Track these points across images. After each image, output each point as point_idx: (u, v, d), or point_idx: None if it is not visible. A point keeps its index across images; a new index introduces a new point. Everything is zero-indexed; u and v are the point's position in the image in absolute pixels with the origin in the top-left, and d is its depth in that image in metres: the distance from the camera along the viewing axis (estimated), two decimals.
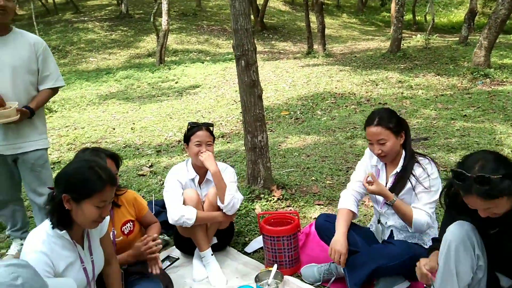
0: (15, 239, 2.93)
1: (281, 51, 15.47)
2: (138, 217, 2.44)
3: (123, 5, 18.92)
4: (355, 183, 2.41)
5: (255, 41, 3.52)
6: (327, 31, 13.86)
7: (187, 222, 2.48)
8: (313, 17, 14.56)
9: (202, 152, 2.56)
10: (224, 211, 2.56)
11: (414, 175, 2.20)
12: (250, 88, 3.18)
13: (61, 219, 1.72)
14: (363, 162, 2.43)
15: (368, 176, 2.20)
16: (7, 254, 2.89)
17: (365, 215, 3.18)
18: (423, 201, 2.17)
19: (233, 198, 2.55)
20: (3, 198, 2.78)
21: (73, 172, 1.70)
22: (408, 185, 2.20)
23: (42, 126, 2.71)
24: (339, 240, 2.18)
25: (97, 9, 20.77)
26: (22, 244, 2.90)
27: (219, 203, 2.55)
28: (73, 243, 1.79)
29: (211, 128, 2.69)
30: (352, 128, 5.58)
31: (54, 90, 2.71)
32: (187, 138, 2.66)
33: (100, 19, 18.91)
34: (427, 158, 2.23)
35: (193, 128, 2.65)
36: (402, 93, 7.54)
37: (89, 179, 1.66)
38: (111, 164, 2.22)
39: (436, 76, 8.85)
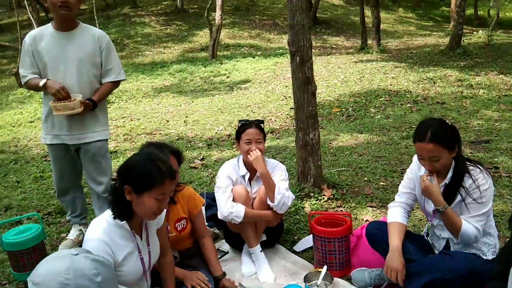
0: (74, 225, 3.08)
1: (334, 46, 15.18)
2: (190, 215, 2.46)
3: (178, 0, 19.34)
4: (403, 195, 2.31)
5: None
6: (382, 26, 13.41)
7: (235, 219, 2.50)
8: (367, 12, 14.15)
9: (251, 151, 2.55)
10: (274, 209, 2.55)
11: (463, 186, 2.06)
12: (304, 84, 3.14)
13: (122, 210, 1.78)
14: (412, 171, 2.30)
15: (427, 176, 2.08)
16: (66, 238, 3.05)
17: (421, 219, 3.05)
18: (472, 213, 2.04)
19: (283, 197, 2.53)
20: (65, 185, 2.93)
21: (136, 165, 1.75)
22: (458, 196, 2.08)
23: (104, 118, 2.82)
24: (395, 256, 2.09)
25: (154, 3, 21.36)
26: (80, 230, 3.05)
27: (269, 202, 2.54)
28: (132, 234, 1.85)
29: (261, 125, 2.69)
30: (408, 128, 5.37)
31: (116, 84, 2.81)
32: (237, 135, 2.67)
33: (156, 14, 19.45)
34: (479, 167, 2.08)
35: (243, 125, 2.66)
36: (461, 92, 7.16)
37: (150, 172, 1.71)
38: (173, 160, 2.26)
39: (499, 75, 8.32)
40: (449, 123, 2.08)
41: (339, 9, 21.41)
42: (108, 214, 1.83)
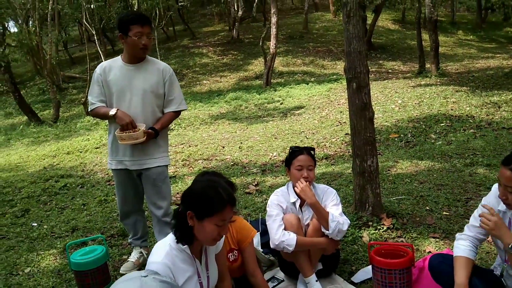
0: (135, 247, 3.19)
1: (390, 71, 14.91)
2: (240, 247, 2.43)
3: (234, 30, 20.01)
4: (473, 228, 2.16)
5: None
6: (440, 49, 13.03)
7: (287, 247, 2.48)
8: (425, 35, 13.83)
9: (301, 179, 2.53)
10: (330, 237, 2.50)
11: None
12: (361, 110, 3.10)
13: (184, 234, 1.83)
14: (488, 202, 2.11)
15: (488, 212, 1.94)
16: (128, 260, 3.16)
17: (488, 252, 2.85)
18: None
19: (338, 224, 2.48)
20: (128, 209, 3.06)
21: (198, 191, 1.81)
22: None
23: (165, 145, 2.95)
24: None
25: (211, 35, 22.27)
26: (141, 252, 3.15)
27: (323, 230, 2.49)
28: (192, 258, 1.89)
29: (312, 152, 2.67)
30: (472, 155, 5.09)
31: (177, 113, 2.94)
32: (288, 162, 2.67)
33: (214, 44, 20.23)
34: None
35: (294, 152, 2.66)
36: None
37: (213, 199, 1.76)
38: None
39: None
40: None
41: (394, 34, 21.12)
42: (170, 238, 1.89)
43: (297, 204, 2.67)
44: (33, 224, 4.46)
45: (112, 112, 2.72)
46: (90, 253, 2.73)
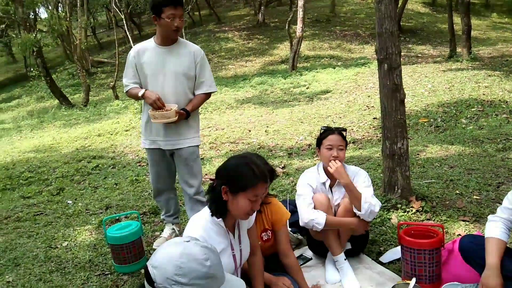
0: (167, 224, 3.30)
1: (419, 55, 14.57)
2: (274, 228, 2.47)
3: (260, 14, 19.88)
4: (506, 210, 2.13)
5: None
6: (472, 33, 12.60)
7: (316, 226, 2.51)
8: (456, 18, 13.41)
9: (331, 161, 2.54)
10: (361, 218, 2.52)
11: None
12: (392, 92, 3.07)
13: (219, 208, 1.90)
14: None
15: None
16: (160, 236, 3.28)
17: None
18: None
19: (370, 206, 2.49)
20: (161, 187, 3.16)
21: (233, 167, 1.87)
22: None
23: (196, 126, 3.01)
24: (492, 275, 1.96)
25: (237, 19, 22.21)
26: (173, 229, 3.26)
27: (355, 210, 2.51)
28: (226, 231, 1.96)
29: (343, 133, 2.67)
30: (504, 140, 4.97)
31: (208, 95, 3.00)
32: (319, 141, 2.67)
33: (239, 29, 20.18)
34: None
35: (325, 131, 2.66)
36: None
37: (246, 175, 1.81)
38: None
39: None
40: None
41: (424, 17, 20.52)
42: (206, 212, 1.96)
43: (327, 184, 2.69)
44: (68, 202, 4.65)
45: (140, 93, 2.79)
46: (126, 228, 2.85)
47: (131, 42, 13.91)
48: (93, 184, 5.32)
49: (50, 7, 19.37)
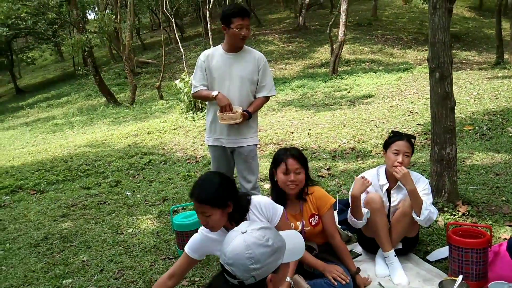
0: None
1: (463, 61, 14.31)
2: (320, 213, 2.70)
3: (300, 17, 20.03)
4: None
5: None
6: None
7: (354, 222, 2.76)
8: (505, 24, 13.08)
9: (397, 166, 2.66)
10: (419, 223, 2.69)
11: None
12: (443, 99, 3.21)
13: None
14: None
15: None
16: None
17: None
18: None
19: (430, 213, 2.63)
20: None
21: None
22: None
23: (255, 126, 3.28)
24: None
25: (277, 22, 22.46)
26: None
27: (414, 216, 2.66)
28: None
29: (412, 140, 2.80)
30: None
31: (267, 98, 3.26)
32: (386, 145, 2.82)
33: (279, 32, 20.42)
34: None
35: (395, 136, 2.80)
36: None
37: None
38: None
39: None
40: None
41: (470, 22, 20.05)
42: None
43: (385, 188, 2.84)
44: (127, 193, 5.02)
45: (214, 93, 3.07)
46: (190, 216, 3.14)
47: (179, 43, 14.40)
48: (147, 178, 5.69)
49: (99, 9, 20.31)
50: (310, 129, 7.68)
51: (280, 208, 2.37)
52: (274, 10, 26.05)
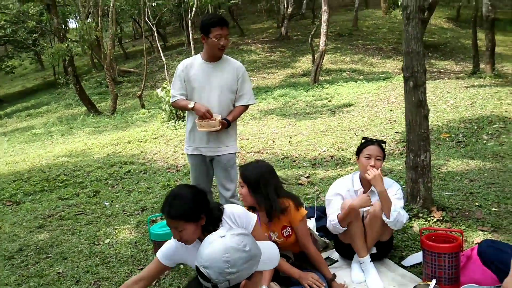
0: None
1: (442, 70, 14.64)
2: (292, 225, 2.71)
3: (283, 27, 20.23)
4: None
5: None
6: (497, 49, 12.63)
7: (336, 227, 2.78)
8: (481, 34, 13.45)
9: (369, 169, 2.75)
10: (389, 226, 2.74)
11: None
12: (417, 107, 3.29)
13: None
14: None
15: None
16: None
17: None
18: None
19: (399, 215, 2.71)
20: None
21: None
22: None
23: (234, 135, 3.30)
24: None
25: (259, 32, 22.63)
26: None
27: (384, 218, 2.72)
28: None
29: (383, 144, 2.90)
30: None
31: (246, 107, 3.30)
32: (358, 151, 2.90)
33: (262, 41, 20.57)
34: None
35: (366, 142, 2.90)
36: None
37: None
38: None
39: None
40: None
41: (448, 32, 20.54)
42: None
43: (359, 193, 2.90)
44: (105, 203, 4.96)
45: (191, 105, 3.09)
46: (167, 226, 3.11)
47: (161, 52, 14.38)
48: (127, 188, 5.64)
49: (80, 18, 20.17)
50: (291, 138, 7.74)
51: (253, 217, 2.37)
52: (256, 20, 26.25)
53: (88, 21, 19.40)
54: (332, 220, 2.83)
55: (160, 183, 5.53)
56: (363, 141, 2.94)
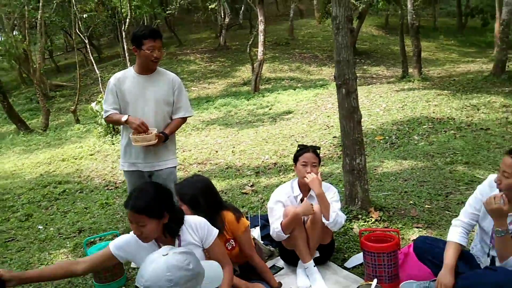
0: None
1: (374, 76, 15.38)
2: (235, 237, 2.71)
3: (221, 37, 20.30)
4: (467, 214, 2.43)
5: None
6: (423, 54, 13.51)
7: (279, 234, 2.82)
8: (408, 41, 14.33)
9: (308, 173, 2.83)
10: (329, 227, 2.80)
11: None
12: (350, 113, 3.42)
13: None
14: (482, 193, 2.38)
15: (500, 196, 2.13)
16: None
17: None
18: None
19: (337, 216, 2.79)
20: None
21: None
22: None
23: (173, 148, 3.23)
24: (447, 275, 2.26)
25: (198, 42, 22.54)
26: None
27: (324, 220, 2.79)
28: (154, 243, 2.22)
29: (317, 151, 2.99)
30: (452, 154, 5.46)
31: (184, 119, 3.23)
32: (295, 158, 2.97)
33: (201, 51, 20.49)
34: None
35: (301, 149, 2.97)
36: (506, 118, 7.14)
37: None
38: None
39: None
40: None
41: (378, 39, 21.67)
42: None
43: (299, 198, 2.97)
44: (39, 227, 4.65)
45: (124, 118, 2.98)
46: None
47: (94, 65, 13.88)
48: (62, 209, 5.32)
49: (5, 30, 18.97)
50: (234, 147, 7.73)
51: (215, 231, 2.33)
52: (194, 30, 26.13)
53: (14, 33, 18.31)
54: (275, 227, 2.86)
55: (98, 202, 5.28)
56: (298, 148, 3.02)
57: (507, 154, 2.18)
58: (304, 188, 2.95)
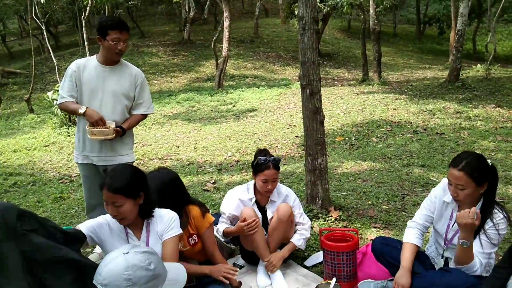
0: None
1: (336, 78, 15.68)
2: (198, 232, 2.67)
3: (185, 31, 20.01)
4: (422, 216, 2.50)
5: None
6: (382, 59, 13.93)
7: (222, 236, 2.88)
8: (369, 45, 14.70)
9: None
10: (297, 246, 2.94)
11: (483, 227, 2.22)
12: (313, 114, 3.45)
13: None
14: (436, 195, 2.44)
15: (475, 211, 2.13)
16: (93, 252, 3.29)
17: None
18: (484, 249, 2.21)
19: (305, 239, 2.97)
20: (94, 202, 3.19)
21: None
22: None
23: (130, 143, 3.13)
24: (405, 275, 2.32)
25: (161, 34, 22.09)
26: None
27: (296, 244, 2.95)
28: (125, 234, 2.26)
29: (278, 164, 2.86)
30: (409, 156, 5.65)
31: (144, 116, 3.15)
32: (255, 170, 2.86)
33: (164, 44, 20.10)
34: (504, 214, 2.23)
35: (261, 165, 2.79)
36: (460, 124, 7.49)
37: None
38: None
39: (496, 107, 8.67)
40: (490, 163, 2.22)
41: (340, 42, 22.12)
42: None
43: (253, 201, 2.95)
44: None
45: (81, 110, 2.85)
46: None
47: (51, 52, 13.30)
48: (12, 202, 5.05)
49: None
50: (196, 143, 7.65)
51: (180, 231, 2.32)
52: (158, 23, 25.60)
53: None
54: (219, 230, 2.89)
55: (52, 196, 5.06)
56: (258, 161, 2.82)
57: (452, 167, 2.21)
58: (262, 197, 2.95)
